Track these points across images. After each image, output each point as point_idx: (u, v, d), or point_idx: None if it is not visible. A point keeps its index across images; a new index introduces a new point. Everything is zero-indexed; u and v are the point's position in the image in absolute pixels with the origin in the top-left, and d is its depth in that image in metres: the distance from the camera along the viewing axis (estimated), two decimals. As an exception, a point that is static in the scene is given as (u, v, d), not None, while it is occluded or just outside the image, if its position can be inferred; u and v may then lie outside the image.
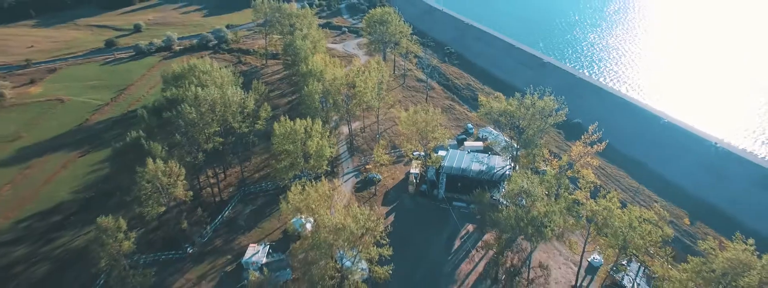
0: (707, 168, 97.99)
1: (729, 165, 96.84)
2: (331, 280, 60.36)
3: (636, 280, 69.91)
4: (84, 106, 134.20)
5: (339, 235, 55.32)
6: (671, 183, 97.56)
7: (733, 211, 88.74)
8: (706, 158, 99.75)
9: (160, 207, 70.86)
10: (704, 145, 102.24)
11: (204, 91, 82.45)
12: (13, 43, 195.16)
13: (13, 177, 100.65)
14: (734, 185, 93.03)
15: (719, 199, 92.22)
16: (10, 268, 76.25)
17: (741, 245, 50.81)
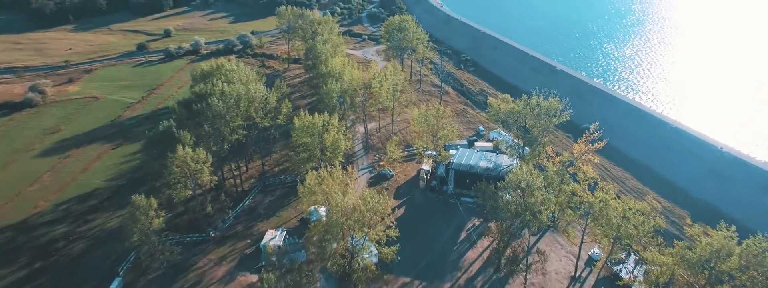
0: (712, 172, 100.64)
1: (734, 169, 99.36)
2: (343, 259, 65.33)
3: (633, 273, 73.15)
4: (117, 104, 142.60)
5: (350, 216, 60.31)
6: (676, 186, 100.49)
7: (736, 214, 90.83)
8: (711, 163, 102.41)
9: (187, 191, 76.97)
10: (710, 149, 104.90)
11: (230, 87, 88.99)
12: (53, 45, 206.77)
13: (53, 165, 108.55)
14: (738, 189, 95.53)
15: (723, 202, 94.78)
16: (52, 244, 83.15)
17: (724, 232, 54.26)
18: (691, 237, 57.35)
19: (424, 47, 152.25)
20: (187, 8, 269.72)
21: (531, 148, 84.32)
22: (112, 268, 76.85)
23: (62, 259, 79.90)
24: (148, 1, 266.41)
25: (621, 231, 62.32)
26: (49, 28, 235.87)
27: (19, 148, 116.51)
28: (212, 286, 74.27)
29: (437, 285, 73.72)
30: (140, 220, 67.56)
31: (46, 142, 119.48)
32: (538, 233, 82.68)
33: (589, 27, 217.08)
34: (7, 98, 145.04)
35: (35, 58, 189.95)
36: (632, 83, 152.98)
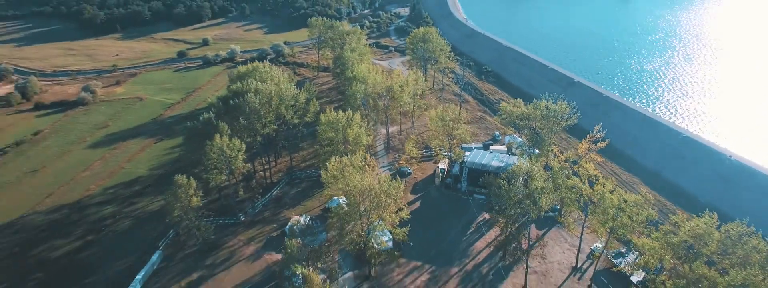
0: (720, 178, 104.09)
1: (741, 176, 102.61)
2: (359, 237, 72.32)
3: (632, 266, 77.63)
4: (159, 104, 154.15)
5: (366, 196, 67.44)
6: (683, 191, 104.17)
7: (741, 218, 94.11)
8: (719, 169, 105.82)
9: (222, 176, 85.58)
10: (719, 157, 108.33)
11: (264, 86, 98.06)
12: (102, 52, 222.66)
13: (102, 155, 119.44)
14: (744, 194, 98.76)
15: (729, 206, 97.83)
16: (101, 221, 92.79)
17: (706, 219, 59.17)
18: (676, 223, 62.25)
19: (446, 58, 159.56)
20: (224, 19, 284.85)
21: (539, 148, 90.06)
22: (152, 243, 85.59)
23: (110, 234, 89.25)
24: (189, 12, 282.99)
25: (616, 221, 67.51)
26: (98, 36, 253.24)
27: (73, 141, 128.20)
28: (241, 262, 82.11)
29: (446, 269, 79.81)
30: (181, 198, 76.22)
31: (96, 136, 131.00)
32: (539, 224, 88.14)
33: (613, 43, 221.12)
34: (62, 97, 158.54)
35: (86, 63, 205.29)
36: (651, 95, 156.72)
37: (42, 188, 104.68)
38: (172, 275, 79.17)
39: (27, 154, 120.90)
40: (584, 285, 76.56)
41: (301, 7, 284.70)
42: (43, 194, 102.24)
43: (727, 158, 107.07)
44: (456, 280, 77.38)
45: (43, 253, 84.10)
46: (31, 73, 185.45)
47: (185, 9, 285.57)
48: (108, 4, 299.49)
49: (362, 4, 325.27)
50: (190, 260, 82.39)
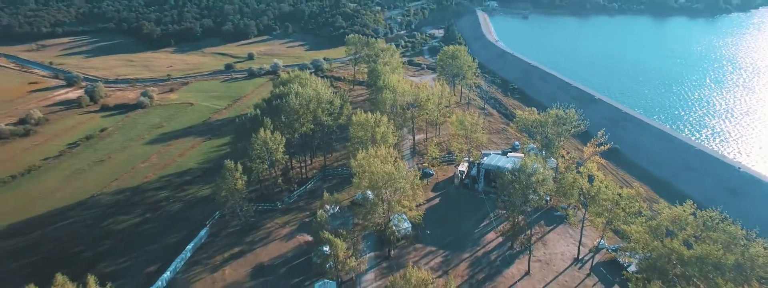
0: (727, 189, 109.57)
1: (748, 186, 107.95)
2: (380, 219, 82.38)
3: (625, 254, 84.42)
4: (207, 109, 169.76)
5: (386, 179, 77.71)
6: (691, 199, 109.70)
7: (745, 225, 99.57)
8: (727, 180, 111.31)
9: (264, 165, 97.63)
10: (729, 169, 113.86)
11: (303, 90, 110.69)
12: (158, 63, 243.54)
13: (158, 150, 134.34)
14: (748, 202, 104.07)
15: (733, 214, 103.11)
16: (157, 203, 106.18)
17: (683, 207, 66.68)
18: (657, 210, 69.67)
19: (473, 74, 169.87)
20: (268, 37, 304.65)
21: (549, 151, 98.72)
22: (201, 222, 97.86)
23: (165, 213, 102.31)
24: (236, 29, 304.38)
25: (611, 213, 75.44)
26: (155, 50, 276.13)
27: (133, 138, 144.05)
28: (277, 240, 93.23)
29: (458, 254, 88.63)
30: (228, 180, 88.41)
31: (153, 134, 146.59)
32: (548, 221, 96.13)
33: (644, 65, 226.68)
34: (124, 101, 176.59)
35: (144, 72, 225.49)
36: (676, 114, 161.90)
37: (108, 174, 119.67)
38: (216, 248, 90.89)
39: (95, 147, 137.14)
40: (584, 273, 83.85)
41: (341, 26, 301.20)
42: (109, 179, 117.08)
43: (737, 170, 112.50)
44: (466, 264, 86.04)
45: (111, 226, 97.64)
46: (97, 80, 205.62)
47: (233, 26, 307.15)
48: (164, 21, 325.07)
49: (399, 25, 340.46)
50: (232, 237, 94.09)
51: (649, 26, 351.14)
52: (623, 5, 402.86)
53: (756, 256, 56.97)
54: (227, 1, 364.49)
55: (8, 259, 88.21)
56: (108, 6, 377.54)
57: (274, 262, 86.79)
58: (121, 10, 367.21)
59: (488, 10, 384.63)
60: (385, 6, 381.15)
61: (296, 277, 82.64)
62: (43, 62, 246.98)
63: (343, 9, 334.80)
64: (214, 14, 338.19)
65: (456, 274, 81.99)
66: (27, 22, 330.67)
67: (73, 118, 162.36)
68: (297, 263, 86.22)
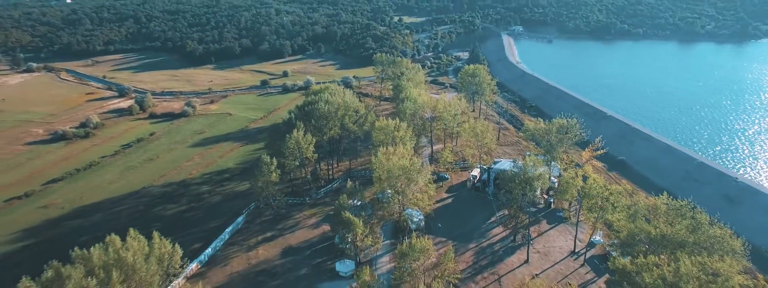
0: (724, 197, 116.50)
1: (744, 195, 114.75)
2: (396, 208, 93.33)
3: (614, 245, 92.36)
4: (245, 119, 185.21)
5: (401, 172, 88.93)
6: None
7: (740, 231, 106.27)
8: (725, 189, 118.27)
9: (296, 162, 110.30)
10: (727, 179, 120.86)
11: (332, 98, 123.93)
12: (199, 78, 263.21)
13: (200, 152, 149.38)
14: (744, 210, 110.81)
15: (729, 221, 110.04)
16: (200, 195, 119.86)
17: (659, 198, 75.68)
18: (637, 201, 78.55)
19: (491, 91, 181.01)
20: (302, 56, 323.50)
21: (550, 155, 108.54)
22: (238, 211, 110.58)
23: (206, 204, 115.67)
24: (272, 49, 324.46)
25: (601, 207, 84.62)
26: (197, 66, 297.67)
27: (178, 141, 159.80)
28: (304, 228, 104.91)
29: (465, 244, 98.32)
30: (264, 172, 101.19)
31: (196, 138, 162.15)
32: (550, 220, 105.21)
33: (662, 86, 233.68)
34: (169, 110, 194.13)
35: (187, 86, 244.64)
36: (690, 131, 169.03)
37: (157, 171, 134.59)
38: (251, 233, 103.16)
39: (145, 148, 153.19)
40: (578, 264, 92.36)
41: (371, 47, 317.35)
42: (157, 174, 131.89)
43: (735, 180, 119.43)
44: (471, 252, 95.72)
45: (160, 212, 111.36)
46: (145, 92, 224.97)
47: (269, 46, 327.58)
48: (205, 40, 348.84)
49: (426, 47, 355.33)
50: (265, 224, 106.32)
51: (674, 52, 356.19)
52: (648, 31, 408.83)
53: (713, 235, 65.53)
54: (264, 22, 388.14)
55: (74, 233, 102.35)
56: (155, 26, 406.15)
57: (301, 245, 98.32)
58: (166, 30, 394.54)
59: (514, 34, 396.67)
60: (414, 29, 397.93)
61: (320, 258, 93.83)
62: (97, 76, 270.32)
63: (374, 31, 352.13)
64: (251, 35, 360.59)
65: (462, 261, 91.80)
66: (84, 40, 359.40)
67: (125, 124, 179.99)
68: (321, 247, 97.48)
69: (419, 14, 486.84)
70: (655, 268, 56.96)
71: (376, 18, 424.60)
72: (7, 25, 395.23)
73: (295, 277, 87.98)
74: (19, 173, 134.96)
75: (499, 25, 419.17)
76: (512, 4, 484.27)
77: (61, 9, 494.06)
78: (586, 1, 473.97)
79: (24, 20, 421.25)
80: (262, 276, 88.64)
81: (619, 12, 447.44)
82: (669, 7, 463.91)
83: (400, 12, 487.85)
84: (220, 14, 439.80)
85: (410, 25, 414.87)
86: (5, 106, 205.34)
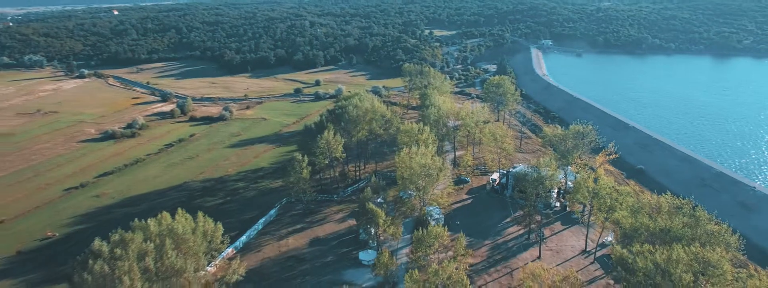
0: (740, 205, 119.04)
1: (761, 203, 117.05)
2: (417, 202, 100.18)
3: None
4: (278, 123, 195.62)
5: (423, 169, 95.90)
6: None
7: (755, 238, 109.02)
8: (741, 197, 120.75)
9: (325, 160, 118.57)
10: (743, 188, 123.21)
11: (361, 103, 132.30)
12: (236, 85, 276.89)
13: (236, 152, 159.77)
14: (760, 218, 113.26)
15: (745, 228, 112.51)
16: (236, 190, 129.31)
17: (665, 196, 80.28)
18: (641, 200, 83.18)
19: (514, 100, 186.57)
20: (334, 66, 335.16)
21: (564, 160, 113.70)
22: (270, 206, 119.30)
23: (242, 198, 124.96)
24: (306, 59, 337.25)
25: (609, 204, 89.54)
26: (234, 75, 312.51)
27: (216, 142, 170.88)
28: (331, 222, 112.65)
29: (481, 241, 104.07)
30: (296, 169, 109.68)
31: (232, 140, 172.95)
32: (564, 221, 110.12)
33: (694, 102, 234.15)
34: (208, 114, 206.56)
35: (224, 93, 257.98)
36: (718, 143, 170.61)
37: (197, 168, 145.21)
38: (282, 224, 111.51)
39: (186, 147, 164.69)
40: (588, 262, 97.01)
41: (401, 59, 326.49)
42: (197, 171, 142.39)
43: (752, 188, 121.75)
44: (486, 248, 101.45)
45: (200, 203, 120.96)
46: (186, 97, 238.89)
47: (303, 57, 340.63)
48: (242, 50, 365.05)
49: (455, 60, 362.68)
50: (295, 217, 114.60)
51: (708, 66, 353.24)
52: (681, 45, 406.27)
53: (710, 230, 70.01)
54: (299, 34, 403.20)
55: (124, 219, 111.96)
56: (195, 37, 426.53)
57: (328, 236, 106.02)
58: (206, 40, 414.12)
59: (543, 48, 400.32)
60: (444, 42, 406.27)
61: (345, 248, 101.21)
62: (142, 82, 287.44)
63: (404, 44, 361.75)
64: (286, 45, 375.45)
65: (477, 255, 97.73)
66: (129, 49, 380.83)
67: (168, 126, 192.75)
68: (346, 238, 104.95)
69: (450, 28, 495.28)
70: (649, 255, 62.10)
71: (407, 31, 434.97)
72: (62, 35, 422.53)
73: (321, 263, 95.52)
74: (75, 166, 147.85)
75: (528, 39, 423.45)
76: (543, 19, 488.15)
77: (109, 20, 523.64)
78: (617, 16, 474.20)
79: (77, 30, 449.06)
80: (291, 261, 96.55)
81: (651, 27, 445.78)
82: (704, 22, 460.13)
83: (431, 25, 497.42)
84: (256, 26, 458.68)
85: (440, 38, 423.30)
86: (62, 108, 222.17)
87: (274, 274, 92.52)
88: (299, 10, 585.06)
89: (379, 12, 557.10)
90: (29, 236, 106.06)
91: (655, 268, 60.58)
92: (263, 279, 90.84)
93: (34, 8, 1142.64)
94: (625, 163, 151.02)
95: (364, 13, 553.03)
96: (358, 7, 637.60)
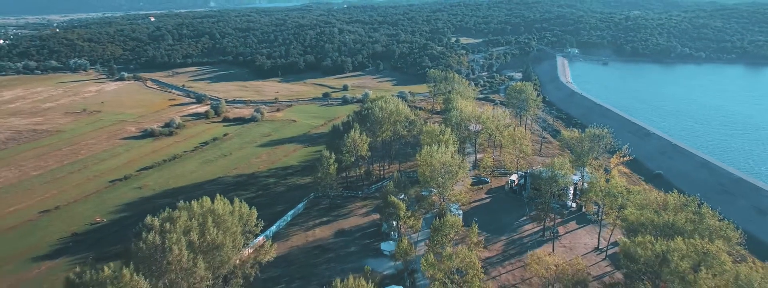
0: (755, 209, 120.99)
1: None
2: (437, 198, 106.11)
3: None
4: (307, 125, 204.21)
5: (443, 166, 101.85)
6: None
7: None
8: (758, 202, 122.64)
9: (351, 157, 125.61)
10: (761, 192, 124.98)
11: (386, 105, 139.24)
12: (266, 89, 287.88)
13: (267, 151, 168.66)
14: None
15: (759, 231, 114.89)
16: (266, 187, 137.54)
17: (672, 194, 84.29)
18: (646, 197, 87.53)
19: (536, 106, 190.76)
20: (361, 72, 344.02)
21: (580, 161, 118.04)
22: (299, 200, 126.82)
23: (272, 193, 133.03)
24: (334, 65, 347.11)
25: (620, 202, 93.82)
26: (264, 79, 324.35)
27: (248, 142, 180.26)
28: (355, 216, 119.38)
29: (497, 236, 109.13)
30: (324, 165, 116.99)
31: (263, 140, 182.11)
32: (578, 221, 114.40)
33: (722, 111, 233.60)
34: (240, 115, 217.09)
35: (255, 96, 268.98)
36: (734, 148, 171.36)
37: (230, 164, 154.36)
38: (309, 217, 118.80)
39: (220, 146, 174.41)
40: (600, 258, 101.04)
41: (427, 66, 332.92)
42: (231, 167, 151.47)
43: (766, 193, 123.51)
44: (502, 243, 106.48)
45: (232, 196, 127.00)
46: (219, 99, 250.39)
47: (331, 63, 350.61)
48: (273, 55, 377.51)
49: (481, 67, 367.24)
50: (322, 211, 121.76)
51: (739, 75, 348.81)
52: (712, 54, 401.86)
53: (713, 225, 73.97)
54: (327, 40, 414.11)
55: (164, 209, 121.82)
56: (227, 42, 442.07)
57: (352, 229, 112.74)
58: (238, 45, 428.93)
59: (569, 56, 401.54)
60: (470, 50, 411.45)
61: (367, 240, 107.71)
62: (177, 85, 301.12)
63: (430, 51, 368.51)
64: (315, 51, 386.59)
65: (493, 249, 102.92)
66: (166, 54, 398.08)
67: (203, 126, 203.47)
68: (369, 231, 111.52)
69: (476, 36, 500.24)
70: (650, 245, 66.63)
71: (433, 38, 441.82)
72: (104, 40, 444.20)
73: (345, 252, 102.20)
74: (118, 161, 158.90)
75: (554, 48, 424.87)
76: (569, 28, 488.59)
77: (147, 26, 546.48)
78: (646, 25, 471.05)
79: (117, 36, 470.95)
80: (317, 250, 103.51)
81: (681, 35, 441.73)
82: (738, 31, 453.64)
83: (458, 33, 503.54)
84: (287, 32, 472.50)
85: (467, 45, 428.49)
86: (104, 108, 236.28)
87: (301, 261, 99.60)
88: (328, 18, 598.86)
89: (406, 20, 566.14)
90: (81, 221, 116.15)
91: (655, 257, 65.10)
92: (290, 265, 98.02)
93: (77, 15, 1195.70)
94: (644, 168, 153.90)
95: (391, 20, 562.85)
96: (386, 14, 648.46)
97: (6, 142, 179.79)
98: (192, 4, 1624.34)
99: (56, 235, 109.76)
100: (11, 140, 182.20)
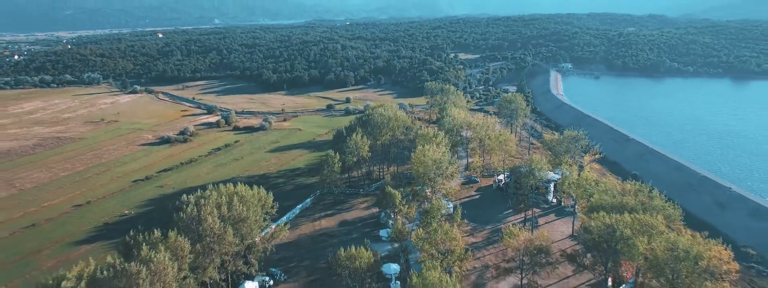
0: (717, 203, 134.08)
1: (733, 201, 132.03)
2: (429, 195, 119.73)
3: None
4: (312, 133, 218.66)
5: (434, 163, 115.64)
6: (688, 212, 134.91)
7: (728, 231, 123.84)
8: (719, 197, 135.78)
9: (353, 158, 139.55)
10: (721, 188, 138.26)
11: (385, 112, 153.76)
12: (273, 102, 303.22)
13: (276, 156, 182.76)
14: (732, 214, 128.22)
15: (720, 223, 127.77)
16: (276, 186, 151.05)
17: (629, 182, 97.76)
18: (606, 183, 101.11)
19: (524, 115, 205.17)
20: (363, 86, 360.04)
21: (557, 159, 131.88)
22: (305, 197, 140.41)
23: (282, 190, 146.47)
24: (337, 79, 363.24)
25: (590, 193, 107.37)
26: (270, 92, 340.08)
27: (258, 147, 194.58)
28: (356, 210, 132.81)
29: (483, 226, 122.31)
30: (329, 163, 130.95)
31: (272, 146, 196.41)
32: (557, 213, 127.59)
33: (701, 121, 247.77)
34: (250, 125, 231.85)
35: (262, 108, 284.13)
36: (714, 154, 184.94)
37: (242, 167, 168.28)
38: (315, 211, 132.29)
39: (231, 151, 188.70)
40: (573, 243, 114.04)
41: (426, 79, 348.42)
42: (242, 169, 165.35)
43: (728, 189, 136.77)
44: (487, 231, 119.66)
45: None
46: (229, 110, 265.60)
47: (334, 77, 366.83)
48: (278, 70, 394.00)
49: (478, 81, 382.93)
50: (326, 205, 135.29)
51: (724, 89, 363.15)
52: (699, 69, 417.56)
53: (658, 205, 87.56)
54: (331, 56, 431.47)
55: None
56: (234, 58, 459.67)
57: (354, 220, 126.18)
58: (244, 60, 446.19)
59: (562, 71, 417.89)
60: (468, 65, 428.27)
61: (368, 228, 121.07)
62: (187, 97, 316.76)
63: (430, 66, 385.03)
64: (319, 66, 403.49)
65: (479, 236, 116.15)
66: (175, 68, 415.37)
67: (214, 134, 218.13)
68: (370, 221, 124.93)
69: (474, 52, 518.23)
70: (601, 219, 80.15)
71: (433, 54, 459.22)
72: (115, 56, 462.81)
73: (348, 238, 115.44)
74: (139, 164, 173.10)
75: (549, 63, 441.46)
76: (564, 43, 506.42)
77: (156, 42, 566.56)
78: (637, 41, 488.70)
79: (128, 51, 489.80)
80: (323, 237, 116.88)
81: (670, 51, 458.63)
82: (725, 46, 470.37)
83: (456, 49, 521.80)
84: (291, 48, 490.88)
85: (465, 61, 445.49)
86: (120, 118, 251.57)
87: (309, 245, 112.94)
88: (331, 35, 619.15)
89: (407, 36, 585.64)
90: (111, 213, 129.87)
91: (606, 228, 78.59)
92: (300, 248, 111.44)
93: (85, 32, 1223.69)
94: (622, 169, 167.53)
95: (393, 37, 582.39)
96: (387, 31, 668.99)
97: (34, 148, 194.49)
98: (196, 22, 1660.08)
99: (90, 224, 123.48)
100: (38, 146, 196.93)
